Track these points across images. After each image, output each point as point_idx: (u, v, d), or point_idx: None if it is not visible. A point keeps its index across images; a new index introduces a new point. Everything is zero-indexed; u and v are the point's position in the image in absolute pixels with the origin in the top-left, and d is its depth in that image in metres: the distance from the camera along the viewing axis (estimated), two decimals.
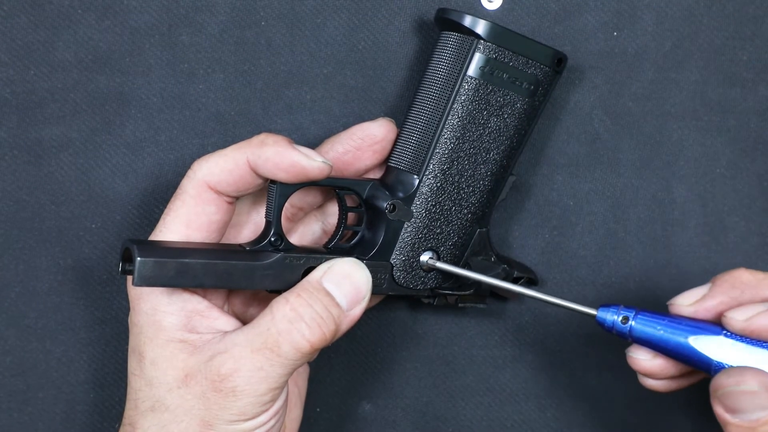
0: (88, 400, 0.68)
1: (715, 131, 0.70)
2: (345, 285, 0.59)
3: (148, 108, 0.67)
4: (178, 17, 0.66)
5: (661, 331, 0.59)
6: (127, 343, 0.68)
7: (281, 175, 0.59)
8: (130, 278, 0.59)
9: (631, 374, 0.71)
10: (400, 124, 0.64)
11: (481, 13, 0.67)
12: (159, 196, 0.67)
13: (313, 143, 0.67)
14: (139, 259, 0.56)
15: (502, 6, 0.68)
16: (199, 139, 0.67)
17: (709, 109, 0.70)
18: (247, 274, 0.59)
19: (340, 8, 0.67)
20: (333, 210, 0.66)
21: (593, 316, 0.60)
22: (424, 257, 0.64)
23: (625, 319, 0.59)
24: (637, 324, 0.59)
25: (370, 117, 0.68)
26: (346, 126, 0.68)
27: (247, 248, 0.60)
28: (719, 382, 0.56)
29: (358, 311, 0.60)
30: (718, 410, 0.56)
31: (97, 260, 0.67)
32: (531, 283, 0.68)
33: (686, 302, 0.60)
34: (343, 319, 0.59)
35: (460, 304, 0.67)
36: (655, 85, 0.69)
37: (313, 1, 0.67)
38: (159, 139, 0.67)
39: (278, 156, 0.58)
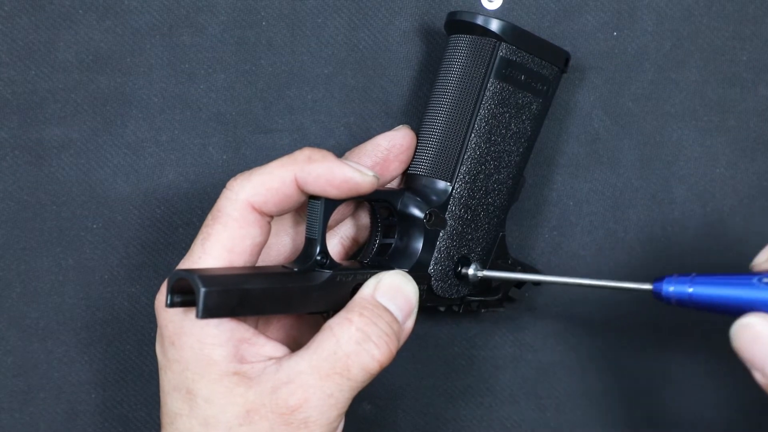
0: (90, 401, 0.68)
1: (715, 131, 0.70)
2: (398, 298, 0.57)
3: (149, 108, 0.67)
4: (178, 17, 0.67)
5: (722, 289, 0.57)
6: (128, 344, 0.68)
7: (332, 192, 0.56)
8: (165, 312, 0.56)
9: (630, 374, 0.71)
10: (418, 130, 0.63)
11: (482, 13, 0.67)
12: (160, 196, 0.67)
13: (314, 143, 0.68)
14: (204, 289, 0.52)
15: (502, 6, 0.68)
16: (200, 139, 0.67)
17: (708, 109, 0.70)
18: (303, 296, 0.56)
19: (341, 8, 0.67)
20: (352, 224, 0.64)
21: (649, 291, 0.59)
22: (471, 270, 0.63)
23: (682, 286, 0.58)
24: (696, 288, 0.58)
25: (371, 117, 0.68)
26: (347, 126, 0.68)
27: (295, 269, 0.57)
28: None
29: (411, 323, 0.58)
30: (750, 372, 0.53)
31: (98, 260, 0.67)
32: (536, 282, 0.68)
33: (763, 258, 0.56)
34: (401, 334, 0.57)
35: (482, 310, 0.66)
36: (655, 85, 0.69)
37: (313, 0, 0.67)
38: (160, 139, 0.67)
39: (330, 172, 0.56)
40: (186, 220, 0.68)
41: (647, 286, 0.59)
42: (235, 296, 0.53)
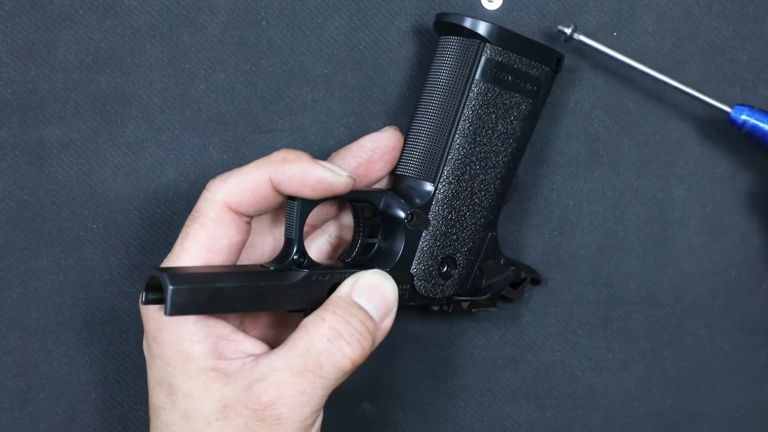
0: (90, 400, 0.68)
1: (715, 131, 0.70)
2: (375, 297, 0.58)
3: (149, 108, 0.67)
4: (179, 17, 0.67)
5: None
6: (128, 344, 0.68)
7: (307, 192, 0.57)
8: (146, 309, 0.57)
9: (630, 374, 0.71)
10: (406, 131, 0.63)
11: (481, 13, 0.68)
12: (160, 196, 0.67)
13: (314, 143, 0.68)
14: (171, 287, 0.53)
15: (502, 6, 0.68)
16: (200, 139, 0.67)
17: (709, 109, 0.70)
18: (277, 294, 0.57)
19: (341, 8, 0.67)
20: (339, 223, 0.65)
21: (727, 114, 0.64)
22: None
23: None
24: None
25: (371, 117, 0.68)
26: (347, 126, 0.68)
27: (272, 268, 0.58)
28: None
29: (388, 323, 0.59)
30: None
31: (98, 260, 0.67)
32: (534, 282, 0.69)
33: None
34: (377, 332, 0.58)
35: (473, 310, 0.67)
36: (656, 84, 0.69)
37: (313, 1, 0.67)
38: (160, 139, 0.67)
39: (304, 173, 0.57)
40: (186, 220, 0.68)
41: (726, 108, 0.64)
42: (204, 294, 0.54)
